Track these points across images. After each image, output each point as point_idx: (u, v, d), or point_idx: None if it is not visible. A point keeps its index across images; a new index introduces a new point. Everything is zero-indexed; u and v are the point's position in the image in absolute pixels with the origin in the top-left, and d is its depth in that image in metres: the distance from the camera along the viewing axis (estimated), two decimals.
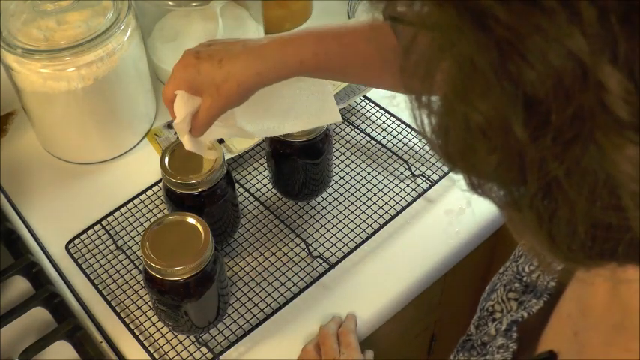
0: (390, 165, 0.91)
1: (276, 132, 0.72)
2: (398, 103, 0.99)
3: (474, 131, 0.30)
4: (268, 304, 0.78)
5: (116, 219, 0.87)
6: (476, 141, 0.31)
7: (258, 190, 0.90)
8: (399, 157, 0.91)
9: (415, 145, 0.93)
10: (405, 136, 0.94)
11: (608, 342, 0.41)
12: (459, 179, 0.90)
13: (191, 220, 0.69)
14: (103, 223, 0.86)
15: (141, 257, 0.77)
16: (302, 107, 0.71)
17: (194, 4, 0.94)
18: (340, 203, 0.88)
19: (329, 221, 0.86)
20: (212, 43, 0.69)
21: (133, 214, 0.87)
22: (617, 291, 0.39)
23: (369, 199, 0.88)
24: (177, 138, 0.94)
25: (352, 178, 0.90)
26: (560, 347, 0.48)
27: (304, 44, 0.65)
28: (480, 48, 0.27)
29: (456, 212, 0.86)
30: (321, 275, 0.80)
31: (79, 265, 0.82)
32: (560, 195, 0.30)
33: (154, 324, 0.76)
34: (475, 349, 0.57)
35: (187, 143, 0.67)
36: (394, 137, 0.94)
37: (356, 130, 0.96)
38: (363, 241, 0.83)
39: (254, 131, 0.70)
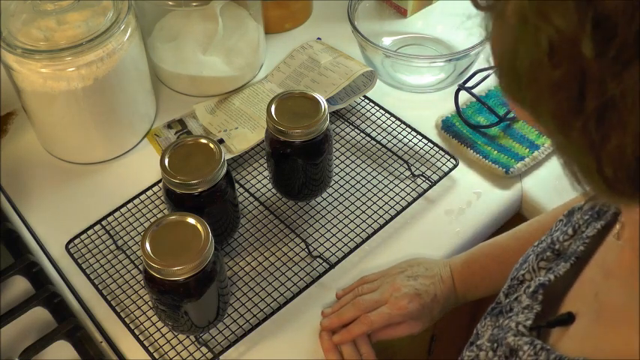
0: (390, 165, 0.91)
1: None
2: (397, 103, 0.99)
3: (542, 45, 0.33)
4: (268, 304, 0.78)
5: (116, 219, 0.87)
6: (543, 54, 0.33)
7: (258, 190, 0.90)
8: (399, 157, 0.91)
9: (415, 145, 0.93)
10: (405, 136, 0.94)
11: (628, 305, 0.42)
12: (458, 179, 0.90)
13: (191, 220, 0.69)
14: (103, 223, 0.86)
15: (141, 257, 0.77)
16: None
17: (194, 4, 0.94)
18: (340, 203, 0.88)
19: (329, 221, 0.86)
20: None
21: (133, 214, 0.87)
22: None
23: (369, 199, 0.88)
24: (177, 138, 0.95)
25: (352, 178, 0.90)
26: (579, 309, 0.49)
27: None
28: None
29: (456, 212, 0.86)
30: (321, 275, 0.80)
31: (79, 265, 0.82)
32: (614, 117, 0.32)
33: (154, 324, 0.76)
34: (502, 315, 0.58)
35: None
36: (394, 137, 0.94)
37: (356, 130, 0.96)
38: (363, 241, 0.83)
39: None
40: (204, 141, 0.76)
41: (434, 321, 0.75)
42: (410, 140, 0.94)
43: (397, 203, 0.87)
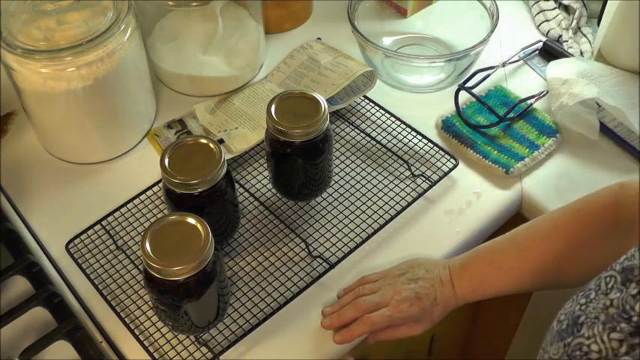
0: (390, 165, 0.91)
1: None
2: (397, 103, 0.99)
3: None
4: (268, 304, 0.78)
5: (116, 219, 0.87)
6: None
7: (258, 190, 0.90)
8: (399, 157, 0.91)
9: (415, 145, 0.93)
10: (405, 136, 0.94)
11: None
12: (458, 179, 0.90)
13: (191, 220, 0.69)
14: (103, 223, 0.86)
15: (141, 257, 0.77)
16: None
17: (194, 4, 0.94)
18: (340, 203, 0.88)
19: (329, 221, 0.86)
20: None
21: (133, 214, 0.87)
22: None
23: (369, 199, 0.88)
24: (177, 138, 0.95)
25: (352, 178, 0.90)
26: None
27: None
28: None
29: (456, 212, 0.86)
30: (321, 275, 0.80)
31: (79, 265, 0.82)
32: None
33: (154, 324, 0.76)
34: None
35: None
36: (394, 137, 0.94)
37: (356, 130, 0.96)
38: (363, 241, 0.83)
39: None
40: (204, 141, 0.76)
41: (434, 323, 0.75)
42: (410, 140, 0.94)
43: (397, 203, 0.87)
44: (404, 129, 0.95)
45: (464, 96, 0.96)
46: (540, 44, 1.05)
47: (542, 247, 0.73)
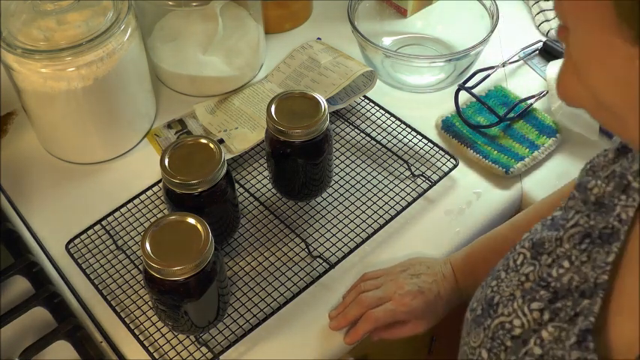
0: (390, 165, 0.91)
1: None
2: (397, 103, 0.99)
3: None
4: (268, 304, 0.78)
5: (116, 219, 0.87)
6: None
7: (258, 190, 0.90)
8: (399, 157, 0.91)
9: (415, 145, 0.93)
10: (405, 136, 0.94)
11: None
12: (458, 179, 0.90)
13: (191, 220, 0.69)
14: (103, 223, 0.86)
15: (141, 257, 0.77)
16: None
17: (194, 4, 0.94)
18: (340, 203, 0.88)
19: (329, 221, 0.86)
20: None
21: (133, 214, 0.87)
22: None
23: (369, 199, 0.88)
24: (178, 138, 0.95)
25: (352, 178, 0.90)
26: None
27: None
28: None
29: (456, 212, 0.86)
30: (321, 275, 0.80)
31: (79, 265, 0.82)
32: None
33: (154, 324, 0.76)
34: None
35: None
36: (394, 137, 0.94)
37: (356, 130, 0.96)
38: (363, 241, 0.83)
39: None
40: (204, 141, 0.76)
41: (439, 319, 0.75)
42: (410, 140, 0.94)
43: (397, 203, 0.87)
44: (404, 129, 0.95)
45: (464, 96, 0.96)
46: (540, 44, 1.05)
47: None
